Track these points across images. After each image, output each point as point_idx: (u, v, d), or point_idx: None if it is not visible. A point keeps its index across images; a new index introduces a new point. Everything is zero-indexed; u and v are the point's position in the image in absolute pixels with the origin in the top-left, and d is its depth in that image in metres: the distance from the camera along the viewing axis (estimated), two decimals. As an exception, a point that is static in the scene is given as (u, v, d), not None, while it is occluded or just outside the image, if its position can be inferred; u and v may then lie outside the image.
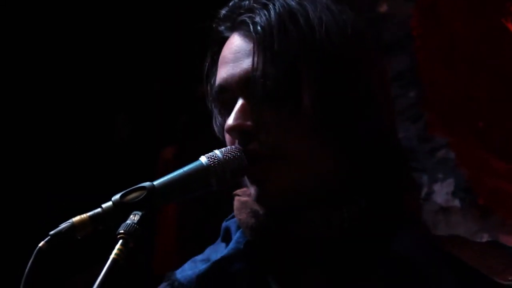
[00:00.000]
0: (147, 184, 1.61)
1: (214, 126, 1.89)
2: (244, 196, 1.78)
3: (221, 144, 1.82)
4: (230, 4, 1.78)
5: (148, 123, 5.26)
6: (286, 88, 1.63)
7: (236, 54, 1.71)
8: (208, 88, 1.84)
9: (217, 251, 1.81)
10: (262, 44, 1.65)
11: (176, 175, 1.65)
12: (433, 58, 3.44)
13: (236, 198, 1.81)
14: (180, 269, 1.82)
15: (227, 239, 1.83)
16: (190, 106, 5.05)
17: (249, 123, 1.65)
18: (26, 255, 1.55)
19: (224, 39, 1.78)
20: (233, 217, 1.83)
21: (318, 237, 1.66)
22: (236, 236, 1.78)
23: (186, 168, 1.66)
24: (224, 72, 1.72)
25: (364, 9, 3.61)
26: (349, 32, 1.68)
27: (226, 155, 1.66)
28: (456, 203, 3.21)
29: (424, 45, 3.45)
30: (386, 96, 1.73)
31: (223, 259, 1.74)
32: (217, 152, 1.67)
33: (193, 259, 1.85)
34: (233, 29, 1.75)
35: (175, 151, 5.07)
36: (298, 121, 1.63)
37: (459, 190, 3.19)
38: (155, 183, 1.62)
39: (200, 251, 1.85)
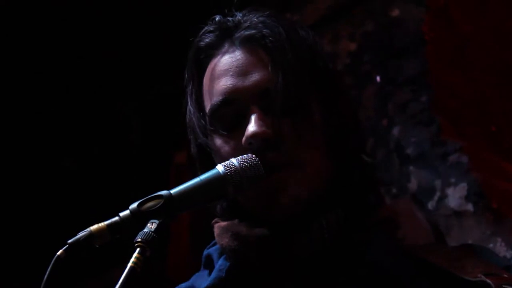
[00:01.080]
0: (164, 192, 1.62)
1: (193, 147, 1.95)
2: (223, 221, 1.81)
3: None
4: (216, 20, 1.84)
5: (161, 127, 5.27)
6: (300, 100, 1.69)
7: (242, 68, 1.74)
8: (196, 111, 1.88)
9: (201, 278, 1.84)
10: (277, 56, 1.69)
11: (193, 183, 1.67)
12: (445, 62, 3.44)
13: (216, 225, 1.83)
14: None
15: (209, 266, 1.86)
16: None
17: (271, 131, 1.68)
18: (44, 263, 1.57)
19: (212, 56, 1.82)
20: (214, 244, 1.87)
21: (300, 250, 1.70)
22: (218, 264, 1.80)
23: (202, 177, 1.67)
24: (229, 84, 1.74)
25: (376, 14, 3.62)
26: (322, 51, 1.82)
27: (242, 164, 1.68)
28: (469, 207, 3.20)
29: (435, 49, 3.45)
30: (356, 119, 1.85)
31: None
32: (233, 160, 1.69)
33: (178, 286, 1.88)
34: (231, 44, 1.79)
35: (187, 155, 5.08)
36: (311, 132, 1.69)
37: (472, 194, 3.18)
38: (172, 191, 1.63)
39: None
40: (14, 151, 5.21)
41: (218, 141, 1.77)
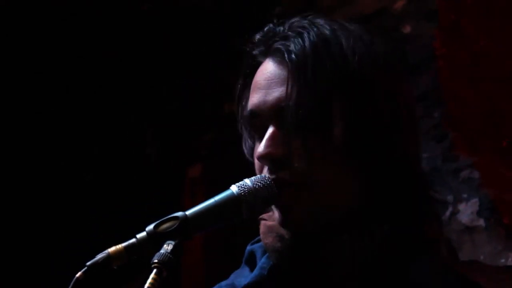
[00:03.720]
0: (179, 214, 1.64)
1: (244, 147, 1.92)
2: (270, 220, 1.80)
3: (247, 162, 1.85)
4: (265, 29, 1.81)
5: (175, 141, 5.29)
6: (317, 118, 1.67)
7: (269, 81, 1.75)
8: (239, 109, 1.89)
9: (241, 275, 1.85)
10: (296, 72, 1.69)
11: (208, 204, 1.68)
12: (456, 77, 3.45)
13: (262, 222, 1.83)
14: None
15: (250, 263, 1.87)
16: (216, 124, 5.08)
17: (279, 151, 1.69)
18: (63, 285, 1.59)
19: (258, 64, 1.82)
20: (258, 241, 1.87)
21: (341, 263, 1.69)
22: (261, 261, 1.81)
23: (217, 198, 1.69)
24: (256, 98, 1.76)
25: (388, 31, 3.63)
26: (380, 63, 1.72)
27: (256, 184, 1.70)
28: (481, 222, 3.21)
29: (447, 65, 3.46)
30: (412, 124, 1.76)
31: (247, 286, 1.78)
32: (247, 181, 1.70)
33: (218, 284, 1.89)
34: (267, 55, 1.79)
35: (201, 168, 5.10)
36: (327, 150, 1.67)
37: (483, 209, 3.19)
38: (187, 213, 1.65)
39: (227, 271, 1.87)
40: (31, 164, 5.24)
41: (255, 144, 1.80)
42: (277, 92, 1.72)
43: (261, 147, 1.71)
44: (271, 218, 1.80)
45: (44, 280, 4.85)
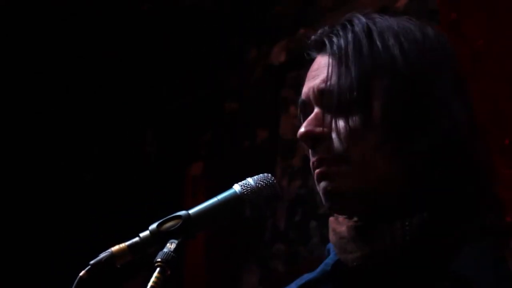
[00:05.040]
0: (182, 213, 1.65)
1: None
2: (332, 216, 1.83)
3: (248, 161, 1.85)
4: (321, 29, 1.85)
5: (176, 140, 5.30)
6: (357, 98, 1.71)
7: (315, 72, 1.80)
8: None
9: (319, 267, 1.85)
10: (337, 57, 1.74)
11: (210, 204, 1.69)
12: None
13: (329, 219, 1.85)
14: (288, 286, 1.88)
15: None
16: (217, 122, 5.09)
17: (319, 129, 1.73)
18: (66, 284, 1.60)
19: (312, 61, 1.86)
20: None
21: (383, 252, 1.69)
22: (329, 257, 1.83)
23: (219, 197, 1.70)
24: (304, 88, 1.81)
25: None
26: (426, 53, 1.75)
27: (259, 183, 1.71)
28: (483, 221, 3.22)
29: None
30: (462, 106, 1.77)
31: (309, 282, 1.81)
32: (250, 180, 1.72)
33: (302, 276, 1.89)
34: (318, 50, 1.84)
35: (202, 167, 5.11)
36: (367, 130, 1.70)
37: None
38: (190, 212, 1.66)
39: (229, 269, 1.89)
40: (31, 164, 5.25)
41: None
42: (318, 79, 1.77)
43: (302, 127, 1.75)
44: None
45: (47, 280, 4.86)
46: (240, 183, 1.72)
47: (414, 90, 1.71)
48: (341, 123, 1.72)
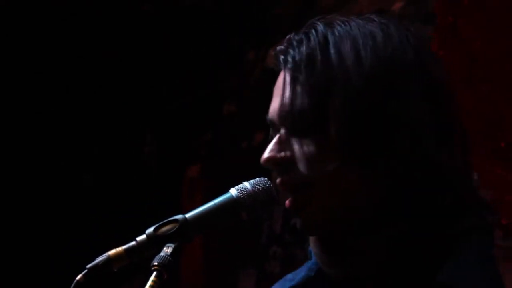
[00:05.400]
0: (179, 217, 1.65)
1: None
2: None
3: (245, 163, 1.85)
4: (286, 39, 1.78)
5: (174, 141, 5.30)
6: (312, 119, 1.66)
7: (277, 89, 1.75)
8: None
9: (303, 270, 1.85)
10: (291, 77, 1.69)
11: (207, 207, 1.69)
12: (454, 79, 3.46)
13: None
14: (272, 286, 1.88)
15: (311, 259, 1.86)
16: (215, 124, 5.09)
17: (282, 154, 1.69)
18: (60, 278, 1.61)
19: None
20: None
21: (363, 265, 1.68)
22: (311, 262, 1.82)
23: (216, 201, 1.69)
24: (270, 106, 1.76)
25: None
26: (386, 59, 1.66)
27: (255, 187, 1.71)
28: (479, 223, 3.23)
29: (445, 67, 3.47)
30: (431, 113, 1.67)
31: (295, 286, 1.80)
32: (246, 184, 1.71)
33: (285, 277, 1.89)
34: (280, 64, 1.78)
35: (200, 169, 5.11)
36: (325, 154, 1.65)
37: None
38: (187, 216, 1.66)
39: (226, 272, 1.88)
40: (30, 165, 5.25)
41: None
42: (278, 100, 1.72)
43: (265, 152, 1.72)
44: None
45: (43, 283, 4.86)
46: (236, 187, 1.72)
47: (370, 106, 1.63)
48: (301, 147, 1.68)
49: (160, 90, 5.29)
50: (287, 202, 1.71)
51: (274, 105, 1.74)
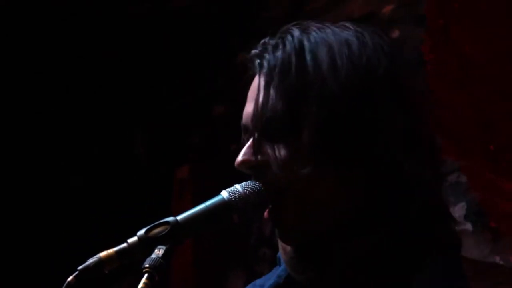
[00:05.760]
0: (170, 219, 1.64)
1: None
2: None
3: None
4: (260, 42, 1.78)
5: (164, 142, 5.29)
6: (286, 125, 1.66)
7: (252, 93, 1.75)
8: None
9: (273, 276, 1.84)
10: (265, 82, 1.69)
11: (198, 210, 1.68)
12: (445, 82, 3.47)
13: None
14: None
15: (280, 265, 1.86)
16: (205, 126, 5.09)
17: (254, 159, 1.69)
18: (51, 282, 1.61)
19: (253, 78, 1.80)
20: None
21: (336, 273, 1.67)
22: (280, 269, 1.82)
23: (208, 203, 1.69)
24: (244, 110, 1.77)
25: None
26: (361, 67, 1.66)
27: (246, 190, 1.70)
28: (468, 226, 3.23)
29: (435, 69, 3.48)
30: (403, 120, 1.67)
31: None
32: (237, 186, 1.71)
33: (254, 282, 1.89)
34: (255, 69, 1.78)
35: (190, 170, 5.11)
36: (299, 159, 1.65)
37: (471, 213, 3.21)
38: (178, 218, 1.65)
39: (217, 274, 1.88)
40: (19, 167, 5.24)
41: None
42: (252, 104, 1.72)
43: (239, 155, 1.72)
44: None
45: (34, 285, 4.85)
46: (228, 189, 1.72)
47: (344, 114, 1.64)
48: (273, 153, 1.67)
49: (150, 92, 5.28)
50: (265, 213, 1.71)
51: (248, 110, 1.74)
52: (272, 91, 1.68)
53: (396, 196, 1.66)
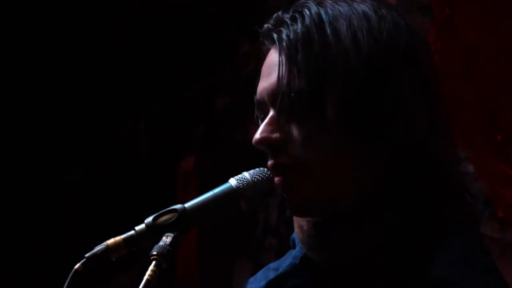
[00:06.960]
0: (178, 206, 1.64)
1: None
2: None
3: (239, 156, 1.84)
4: (273, 16, 1.77)
5: (168, 135, 5.29)
6: (310, 100, 1.64)
7: (268, 68, 1.72)
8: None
9: (287, 259, 1.83)
10: (287, 57, 1.66)
11: (206, 197, 1.68)
12: (451, 72, 3.46)
13: None
14: (253, 277, 1.87)
15: (294, 248, 1.85)
16: (209, 117, 5.09)
17: (275, 135, 1.67)
18: (61, 277, 1.60)
19: (267, 53, 1.78)
20: None
21: (352, 251, 1.67)
22: (295, 250, 1.80)
23: (215, 191, 1.69)
24: (259, 86, 1.74)
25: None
26: (382, 42, 1.65)
27: (254, 177, 1.70)
28: (476, 216, 3.23)
29: (441, 60, 3.46)
30: (422, 100, 1.66)
31: (279, 276, 1.78)
32: (246, 174, 1.71)
33: (268, 266, 1.88)
34: (270, 42, 1.76)
35: (194, 161, 5.11)
36: (322, 135, 1.64)
37: (478, 203, 3.20)
38: (186, 205, 1.65)
39: (221, 263, 1.86)
40: (17, 162, 5.24)
41: None
42: (273, 77, 1.69)
43: (257, 133, 1.71)
44: None
45: (42, 272, 4.86)
46: (236, 177, 1.71)
47: (369, 89, 1.63)
48: (296, 128, 1.66)
49: (153, 84, 5.28)
50: (276, 179, 1.69)
51: (264, 85, 1.72)
52: (293, 67, 1.65)
53: (418, 173, 1.65)
